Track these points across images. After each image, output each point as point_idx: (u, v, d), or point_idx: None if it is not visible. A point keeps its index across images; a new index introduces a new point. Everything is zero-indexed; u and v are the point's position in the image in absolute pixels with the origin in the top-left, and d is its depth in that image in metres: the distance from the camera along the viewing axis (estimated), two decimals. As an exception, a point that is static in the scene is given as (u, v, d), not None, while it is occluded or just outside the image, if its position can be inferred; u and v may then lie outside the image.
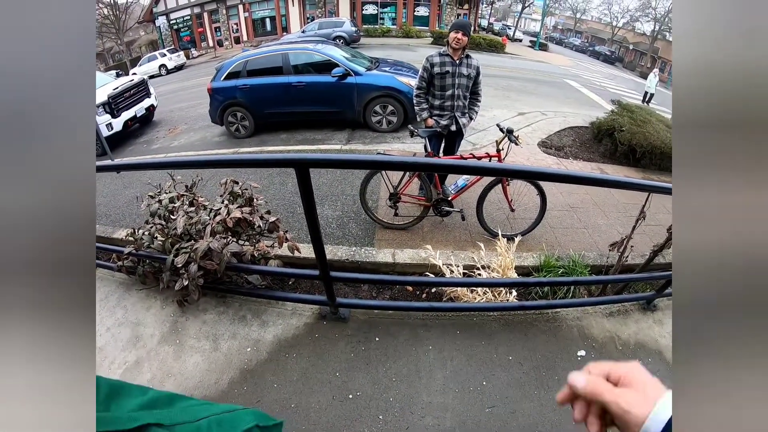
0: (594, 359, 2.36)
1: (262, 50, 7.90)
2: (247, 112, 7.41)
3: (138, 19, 33.17)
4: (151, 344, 2.45)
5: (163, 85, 17.03)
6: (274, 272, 2.39)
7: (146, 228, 2.68)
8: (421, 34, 26.44)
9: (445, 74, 3.71)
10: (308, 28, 22.14)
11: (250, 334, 2.46)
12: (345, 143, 6.76)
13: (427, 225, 4.08)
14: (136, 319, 2.65)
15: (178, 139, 8.51)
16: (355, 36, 21.49)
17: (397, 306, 2.53)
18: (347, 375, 2.21)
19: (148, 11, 31.84)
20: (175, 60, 24.76)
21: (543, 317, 2.63)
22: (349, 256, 3.46)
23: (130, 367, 2.32)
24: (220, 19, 30.56)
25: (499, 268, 2.87)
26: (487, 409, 2.10)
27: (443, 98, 3.82)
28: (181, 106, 11.75)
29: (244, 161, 1.72)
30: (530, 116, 8.40)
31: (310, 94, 7.12)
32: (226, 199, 2.64)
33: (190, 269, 2.27)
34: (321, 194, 4.72)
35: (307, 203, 1.71)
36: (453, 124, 3.90)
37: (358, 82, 6.93)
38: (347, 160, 1.60)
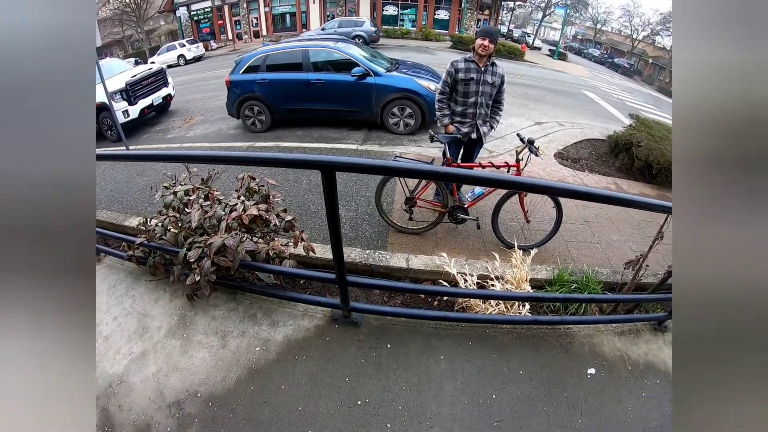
0: (603, 378, 2.35)
1: (282, 46, 7.91)
2: (264, 106, 7.42)
3: (159, 9, 33.42)
4: (157, 336, 2.45)
5: (180, 75, 17.13)
6: (290, 273, 2.38)
7: (159, 219, 2.67)
8: (441, 38, 26.38)
9: (470, 81, 3.67)
10: (328, 26, 22.19)
11: (260, 333, 2.45)
12: (361, 143, 6.74)
13: (440, 231, 4.05)
14: (144, 310, 2.65)
15: (193, 129, 8.55)
16: (374, 36, 21.49)
17: (411, 314, 2.51)
18: (357, 381, 2.19)
19: (169, 1, 32.08)
20: (194, 51, 24.93)
21: (555, 332, 2.60)
22: (363, 259, 3.43)
23: (136, 359, 2.31)
24: (241, 13, 30.71)
25: (513, 280, 2.84)
26: (495, 423, 2.08)
27: (466, 105, 3.78)
28: (198, 97, 11.81)
29: (269, 160, 1.71)
30: (547, 126, 8.33)
31: (329, 92, 7.11)
32: (243, 195, 2.62)
33: (203, 265, 2.26)
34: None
35: (330, 206, 1.69)
36: (474, 131, 3.87)
37: (377, 83, 6.90)
38: (374, 166, 1.58)
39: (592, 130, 8.33)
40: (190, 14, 31.94)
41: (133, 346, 2.39)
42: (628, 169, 6.46)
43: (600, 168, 6.60)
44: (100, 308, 2.72)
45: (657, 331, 2.79)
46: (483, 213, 4.05)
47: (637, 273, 2.98)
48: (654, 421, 2.21)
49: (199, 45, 26.22)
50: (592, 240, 4.31)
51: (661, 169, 6.05)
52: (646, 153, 6.12)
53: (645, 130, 6.79)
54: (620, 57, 48.04)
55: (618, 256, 3.93)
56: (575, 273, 3.52)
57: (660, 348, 2.66)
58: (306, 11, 29.06)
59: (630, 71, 42.53)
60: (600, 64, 43.56)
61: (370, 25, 21.89)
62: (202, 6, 31.59)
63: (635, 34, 50.68)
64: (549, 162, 6.42)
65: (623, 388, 2.36)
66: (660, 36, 47.45)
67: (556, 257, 3.82)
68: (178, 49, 24.60)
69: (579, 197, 2.02)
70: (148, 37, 34.55)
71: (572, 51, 47.97)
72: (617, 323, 2.77)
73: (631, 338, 2.70)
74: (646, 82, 42.27)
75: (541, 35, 48.93)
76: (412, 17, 28.46)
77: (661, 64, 45.89)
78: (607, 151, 7.11)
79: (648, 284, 3.23)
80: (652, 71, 47.24)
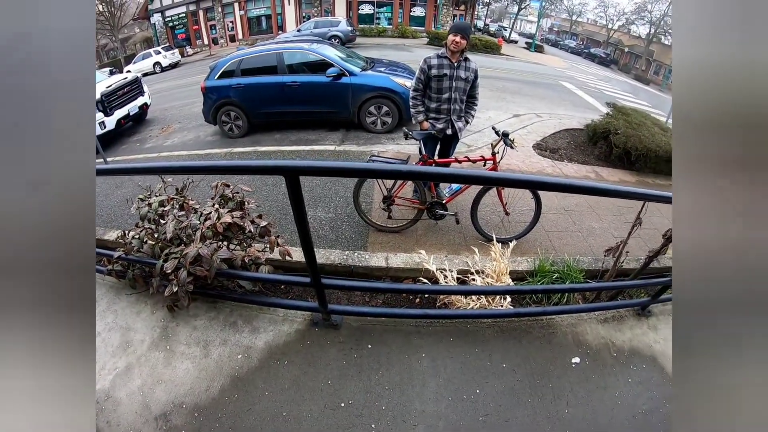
0: (588, 366, 2.36)
1: (257, 49, 7.86)
2: (240, 111, 7.36)
3: (133, 16, 32.92)
4: (141, 350, 2.41)
5: (157, 83, 16.90)
6: (265, 279, 2.35)
7: (136, 231, 2.63)
8: (417, 35, 26.43)
9: (443, 77, 3.67)
10: (304, 27, 22.07)
11: (241, 340, 2.42)
12: (339, 144, 6.72)
13: (421, 228, 4.05)
14: (126, 324, 2.60)
15: (171, 138, 8.44)
16: (350, 35, 21.43)
17: (390, 313, 2.50)
18: (339, 383, 2.17)
19: (144, 8, 31.60)
20: (169, 58, 24.59)
21: (537, 324, 2.61)
22: (341, 261, 3.42)
23: (120, 373, 2.27)
24: (216, 17, 30.37)
25: (493, 273, 2.85)
26: (480, 417, 2.08)
27: (440, 101, 3.78)
28: (175, 104, 11.67)
29: (232, 168, 1.69)
30: (525, 118, 8.40)
31: (305, 93, 7.08)
32: (217, 203, 2.59)
33: (180, 275, 2.22)
34: (314, 195, 4.68)
35: (297, 212, 1.67)
36: (449, 127, 3.87)
37: (352, 83, 6.90)
38: (339, 168, 1.57)
39: (570, 120, 8.42)
40: (165, 20, 31.50)
41: (118, 361, 2.35)
42: (607, 156, 6.54)
43: (579, 157, 6.67)
44: (81, 325, 2.66)
45: (641, 316, 2.80)
46: (462, 207, 4.06)
47: (617, 260, 3.01)
48: (642, 406, 2.22)
49: (175, 51, 25.86)
50: (573, 229, 4.36)
51: (640, 156, 6.14)
52: (624, 140, 6.20)
53: (622, 117, 6.89)
54: (596, 47, 48.52)
55: (599, 244, 3.97)
56: (557, 262, 3.55)
57: (644, 333, 2.68)
58: (282, 13, 28.85)
59: (606, 61, 42.98)
60: (576, 54, 43.98)
61: (346, 25, 21.83)
62: (176, 12, 31.18)
63: (610, 24, 51.37)
64: (528, 153, 6.47)
65: (609, 375, 2.37)
66: (635, 25, 48.20)
67: (537, 248, 3.85)
68: (153, 56, 24.24)
69: (554, 189, 2.03)
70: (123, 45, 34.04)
71: (549, 43, 48.40)
72: (600, 311, 2.77)
73: (615, 325, 2.72)
74: (623, 70, 42.82)
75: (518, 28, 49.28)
76: (388, 15, 28.46)
77: (636, 53, 46.54)
78: (585, 140, 7.20)
79: (630, 270, 3.27)
80: (628, 60, 47.86)
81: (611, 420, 2.14)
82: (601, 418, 2.14)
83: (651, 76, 42.17)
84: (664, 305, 2.88)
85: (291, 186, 1.54)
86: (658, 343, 2.62)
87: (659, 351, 2.56)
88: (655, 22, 43.86)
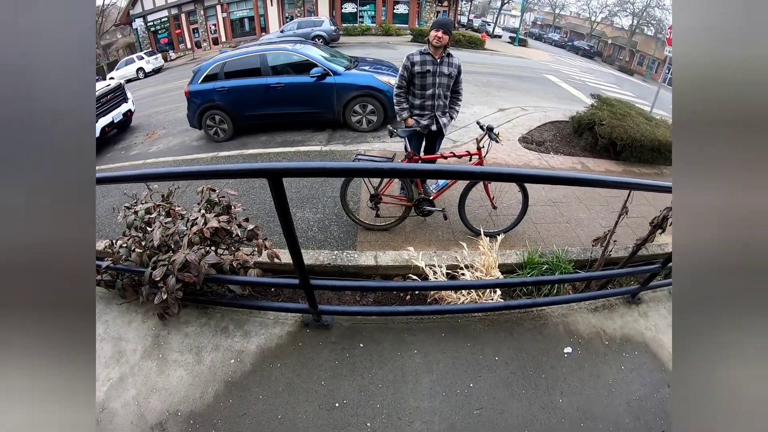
0: (581, 355, 2.39)
1: (240, 51, 7.80)
2: (225, 114, 7.31)
3: (115, 22, 32.48)
4: (133, 359, 2.39)
5: (140, 89, 16.73)
6: (254, 282, 2.35)
7: (123, 240, 2.61)
8: (401, 32, 26.44)
9: (426, 73, 3.67)
10: (287, 28, 21.96)
11: (233, 345, 2.41)
12: (325, 144, 6.71)
13: (409, 225, 4.06)
14: (118, 333, 2.58)
15: (156, 144, 8.36)
16: (334, 35, 21.38)
17: (381, 311, 2.50)
18: (333, 383, 2.17)
19: (125, 13, 31.19)
20: (152, 63, 24.33)
21: (528, 315, 2.63)
22: (331, 261, 3.42)
23: (115, 384, 2.25)
24: (198, 20, 30.11)
25: (482, 267, 2.86)
26: (475, 411, 2.09)
27: (423, 98, 3.78)
28: (159, 110, 11.55)
29: (215, 172, 1.67)
30: (510, 112, 8.44)
31: (289, 95, 7.05)
32: (203, 208, 2.57)
33: (169, 282, 2.21)
34: (302, 196, 4.66)
35: (282, 214, 1.66)
36: (433, 123, 3.88)
37: (337, 82, 6.89)
38: (323, 169, 1.56)
39: (555, 113, 8.48)
40: (147, 25, 31.14)
41: (111, 372, 2.32)
42: (593, 147, 6.60)
43: (565, 149, 6.72)
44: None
45: (631, 303, 2.83)
46: (449, 203, 4.08)
47: (606, 249, 3.04)
48: (636, 393, 2.25)
49: (158, 56, 25.60)
50: (560, 220, 4.39)
51: (625, 146, 6.21)
52: (609, 131, 6.27)
53: (607, 108, 6.96)
54: (580, 40, 48.86)
55: (587, 234, 4.01)
56: (545, 254, 3.58)
57: (635, 320, 2.71)
58: (264, 14, 28.70)
59: (590, 53, 43.34)
60: (560, 47, 44.35)
61: (330, 24, 21.77)
62: (158, 16, 30.84)
63: (593, 16, 51.74)
64: (514, 147, 6.51)
65: (602, 363, 2.39)
66: (618, 17, 48.59)
67: (525, 240, 3.88)
68: (136, 62, 23.97)
69: (540, 182, 2.05)
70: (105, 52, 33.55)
71: (532, 37, 48.73)
72: (590, 300, 2.79)
73: (606, 313, 2.74)
74: (607, 62, 43.19)
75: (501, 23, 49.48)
76: (372, 13, 28.44)
77: (620, 44, 46.95)
78: (570, 132, 7.26)
79: (619, 259, 3.30)
80: (612, 52, 48.27)
81: (606, 408, 2.16)
82: (595, 406, 2.16)
83: (635, 66, 42.65)
84: (653, 292, 2.92)
85: (275, 188, 1.53)
86: (649, 329, 2.65)
87: (650, 337, 2.60)
88: (637, 13, 44.32)
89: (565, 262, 3.47)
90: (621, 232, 3.01)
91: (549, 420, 2.08)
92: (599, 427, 2.08)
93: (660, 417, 2.15)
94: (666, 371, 2.41)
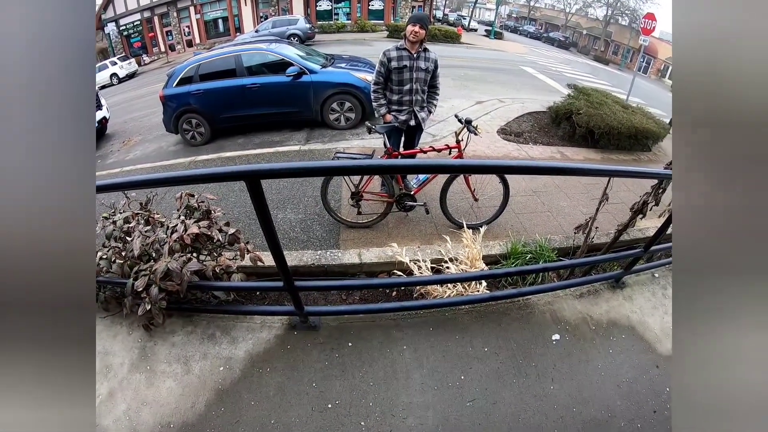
0: (569, 342, 2.42)
1: (214, 53, 7.68)
2: (202, 118, 7.18)
3: (84, 28, 31.65)
4: (121, 373, 2.34)
5: (115, 95, 16.38)
6: (238, 287, 2.32)
7: (103, 252, 2.55)
8: (377, 28, 26.40)
9: (403, 69, 3.66)
10: (262, 28, 21.72)
11: (221, 352, 2.38)
12: (304, 143, 6.65)
13: (392, 221, 4.06)
14: (104, 348, 2.52)
15: (133, 151, 8.19)
16: (310, 33, 21.19)
17: (368, 309, 2.50)
18: (324, 384, 2.16)
19: (97, 18, 30.41)
20: (126, 68, 23.80)
21: (515, 305, 2.65)
22: (314, 261, 3.40)
23: (104, 400, 2.20)
24: (171, 22, 29.52)
25: (467, 259, 2.88)
26: (468, 402, 2.10)
27: (401, 93, 3.77)
28: (135, 116, 11.33)
29: (191, 177, 1.65)
30: (488, 104, 8.49)
31: (266, 95, 6.98)
32: (183, 215, 2.53)
33: (152, 292, 2.17)
34: (282, 197, 4.62)
35: (262, 216, 1.64)
36: (412, 118, 3.88)
37: (313, 80, 6.84)
38: (301, 169, 1.54)
39: (532, 104, 8.56)
40: (120, 29, 30.38)
41: (100, 388, 2.27)
42: (571, 137, 6.69)
43: (543, 139, 6.80)
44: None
45: (615, 288, 2.88)
46: (431, 197, 4.08)
47: (588, 236, 3.08)
48: (626, 375, 2.30)
49: (132, 61, 25.07)
50: (542, 209, 4.44)
51: (603, 134, 6.31)
52: (587, 120, 6.35)
53: (583, 98, 7.06)
54: (555, 31, 49.28)
55: (569, 222, 4.06)
56: (529, 244, 3.62)
57: (621, 304, 2.76)
58: (238, 14, 28.31)
59: (566, 44, 43.84)
60: (536, 39, 44.69)
61: (305, 23, 21.57)
62: (131, 20, 30.10)
63: (568, 8, 52.25)
64: (493, 139, 6.55)
65: (590, 348, 2.43)
66: (592, 8, 49.14)
67: (508, 231, 3.91)
68: (109, 67, 23.38)
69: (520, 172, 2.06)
70: (75, 59, 32.66)
71: (508, 29, 48.96)
72: (575, 287, 2.83)
73: (591, 299, 2.78)
74: (582, 52, 43.79)
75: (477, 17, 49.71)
76: (347, 10, 28.30)
77: (595, 35, 47.57)
78: (549, 122, 7.34)
79: (601, 245, 3.35)
80: (587, 42, 48.89)
81: (597, 391, 2.20)
82: (586, 390, 2.20)
83: (610, 56, 43.33)
84: (637, 276, 2.97)
85: (253, 191, 1.51)
86: (634, 312, 2.71)
87: (637, 320, 2.65)
88: (611, 3, 44.95)
89: (548, 250, 3.51)
90: (602, 219, 3.05)
91: (541, 407, 2.11)
92: (591, 410, 2.11)
93: (650, 397, 2.20)
94: (654, 352, 2.46)
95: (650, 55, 37.54)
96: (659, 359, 2.42)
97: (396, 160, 3.61)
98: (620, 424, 2.06)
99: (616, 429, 2.05)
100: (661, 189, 2.63)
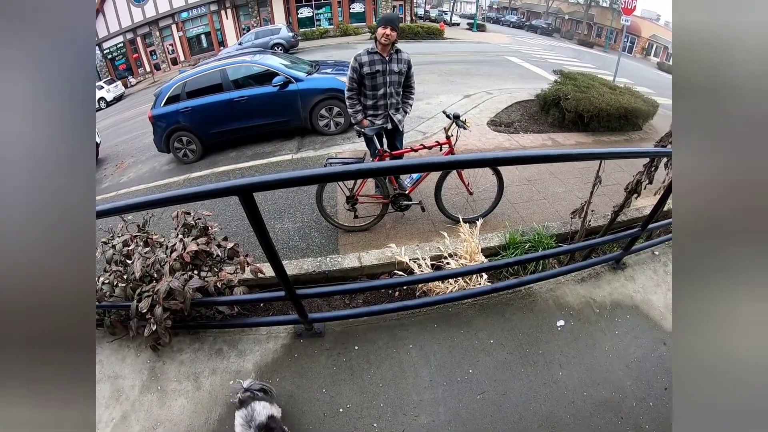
0: (574, 327, 2.43)
1: (199, 69, 7.67)
2: (192, 135, 7.20)
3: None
4: (133, 395, 2.35)
5: (104, 119, 16.38)
6: (240, 300, 2.33)
7: (105, 276, 2.56)
8: (359, 31, 26.43)
9: (376, 73, 3.61)
10: (245, 40, 21.71)
11: (230, 366, 2.39)
12: (296, 152, 6.66)
13: (389, 222, 4.07)
14: (113, 372, 2.53)
15: (126, 173, 8.19)
16: (293, 41, 21.21)
17: (372, 311, 2.50)
18: (334, 389, 2.17)
19: (79, 44, 30.31)
20: (113, 91, 23.74)
21: (517, 295, 2.67)
22: (315, 268, 3.41)
23: (118, 423, 2.21)
24: (155, 42, 29.45)
25: (466, 254, 2.89)
26: (478, 396, 2.12)
27: (376, 98, 3.74)
28: (126, 138, 11.33)
29: (184, 196, 1.65)
30: (476, 97, 8.51)
31: (254, 107, 7.00)
32: (181, 233, 2.54)
33: (156, 312, 2.18)
34: (278, 207, 4.63)
35: (257, 229, 1.65)
36: (388, 122, 3.86)
37: (300, 89, 6.87)
38: (293, 178, 1.55)
39: (520, 93, 8.57)
40: (104, 53, 30.29)
41: (113, 412, 2.28)
42: (561, 122, 6.70)
43: (533, 127, 6.81)
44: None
45: (616, 269, 2.89)
46: (426, 194, 4.09)
47: (584, 220, 3.09)
48: (633, 355, 2.31)
49: (118, 84, 25.02)
50: (537, 197, 4.45)
51: (592, 117, 6.32)
52: (575, 104, 6.37)
53: (570, 83, 7.08)
54: (537, 18, 49.38)
55: (566, 208, 4.07)
56: (527, 232, 3.63)
57: (623, 285, 2.77)
58: (221, 28, 28.30)
59: (549, 30, 43.93)
60: (519, 28, 44.79)
61: (287, 31, 21.57)
62: (114, 42, 29.99)
63: (548, -6, 52.22)
64: (483, 131, 6.56)
65: (596, 331, 2.44)
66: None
67: (505, 221, 3.92)
68: (96, 92, 23.40)
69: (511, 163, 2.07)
70: (60, 87, 32.63)
71: (490, 21, 48.97)
72: (576, 271, 2.83)
73: (593, 282, 2.79)
74: (566, 37, 43.82)
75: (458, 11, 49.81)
76: (328, 16, 28.31)
77: (577, 19, 47.55)
78: (538, 110, 7.36)
79: (599, 227, 3.37)
80: (570, 27, 48.88)
81: (606, 374, 2.21)
82: (595, 374, 2.21)
83: (594, 39, 43.35)
84: (637, 255, 2.98)
85: (246, 204, 1.52)
86: (637, 292, 2.71)
87: (640, 300, 2.66)
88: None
89: (546, 237, 3.53)
90: (598, 201, 3.06)
91: (552, 394, 2.12)
92: (602, 393, 2.12)
93: (660, 375, 2.20)
94: (660, 330, 2.47)
95: (633, 35, 37.65)
96: (666, 336, 2.43)
97: (388, 161, 3.61)
98: (632, 404, 2.08)
99: (627, 409, 2.06)
100: (654, 167, 2.65)
